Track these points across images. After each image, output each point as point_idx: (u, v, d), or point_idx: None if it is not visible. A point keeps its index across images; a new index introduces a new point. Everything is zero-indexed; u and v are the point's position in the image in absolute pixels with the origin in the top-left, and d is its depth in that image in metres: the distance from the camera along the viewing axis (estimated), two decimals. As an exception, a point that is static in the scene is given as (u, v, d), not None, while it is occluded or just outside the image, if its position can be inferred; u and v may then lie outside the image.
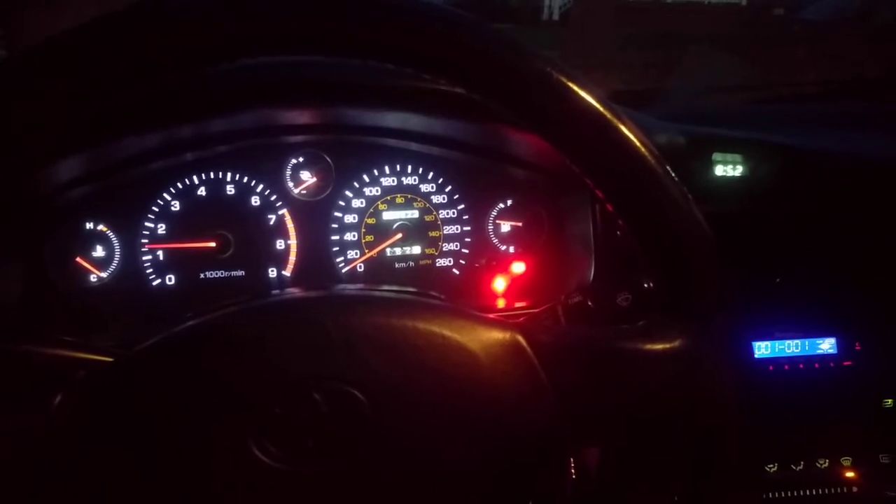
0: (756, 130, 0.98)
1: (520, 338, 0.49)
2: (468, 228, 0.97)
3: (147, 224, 0.88)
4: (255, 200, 0.91)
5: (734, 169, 0.91)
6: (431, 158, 0.95)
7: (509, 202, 0.97)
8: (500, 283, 0.96)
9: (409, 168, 0.95)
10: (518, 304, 0.96)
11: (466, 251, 0.97)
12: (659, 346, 0.49)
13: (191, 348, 0.47)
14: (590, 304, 0.70)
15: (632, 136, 0.48)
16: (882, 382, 0.90)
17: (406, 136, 0.94)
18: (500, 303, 0.97)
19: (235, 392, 0.45)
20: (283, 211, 0.92)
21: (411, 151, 0.94)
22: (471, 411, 0.48)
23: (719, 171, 0.90)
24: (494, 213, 0.97)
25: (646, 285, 0.70)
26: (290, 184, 0.92)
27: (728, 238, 0.90)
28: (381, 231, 0.94)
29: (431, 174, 0.95)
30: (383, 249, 0.94)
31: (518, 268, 0.97)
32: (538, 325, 0.52)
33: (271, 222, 0.92)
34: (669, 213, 0.50)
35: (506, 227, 0.97)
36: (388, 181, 0.94)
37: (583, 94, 0.47)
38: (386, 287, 0.92)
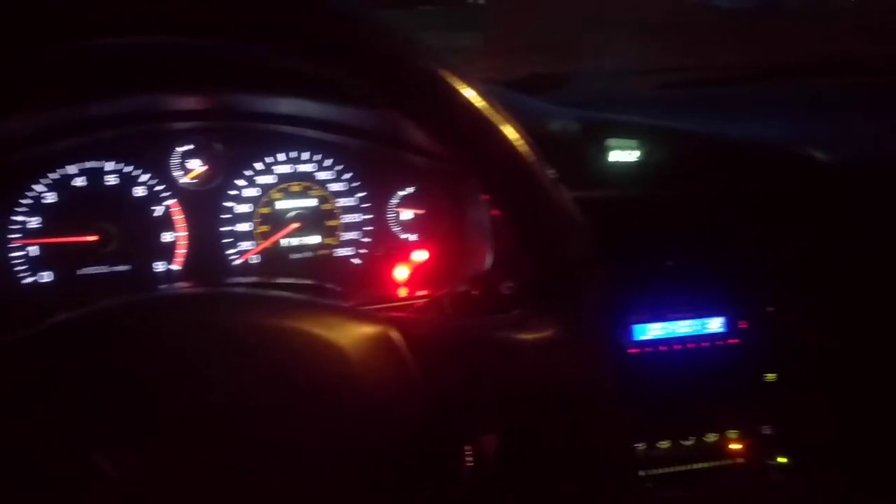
0: (667, 115, 1.00)
1: (391, 332, 0.48)
2: (368, 217, 0.95)
3: (16, 218, 0.82)
4: (140, 191, 0.86)
5: (630, 154, 0.92)
6: (328, 145, 0.93)
7: (410, 190, 0.96)
8: (401, 272, 0.96)
9: (305, 155, 0.92)
10: (420, 293, 0.96)
11: (367, 240, 0.95)
12: (530, 336, 0.50)
13: (39, 348, 0.44)
14: (475, 293, 0.70)
15: (503, 126, 0.49)
16: (764, 358, 0.94)
17: (301, 122, 0.91)
18: (402, 292, 0.96)
19: (83, 393, 0.43)
20: (170, 201, 0.87)
21: (307, 138, 0.92)
22: (341, 408, 0.47)
23: (615, 156, 0.92)
24: (395, 200, 0.96)
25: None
26: (178, 173, 0.88)
27: (622, 222, 0.93)
28: (276, 221, 0.91)
29: (328, 161, 0.93)
30: (278, 240, 0.91)
31: (420, 256, 0.96)
32: (411, 318, 0.51)
33: (157, 214, 0.87)
34: (539, 203, 0.51)
35: (407, 214, 0.96)
36: (282, 169, 0.91)
37: (457, 84, 0.47)
38: (281, 280, 0.90)
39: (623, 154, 0.91)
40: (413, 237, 0.96)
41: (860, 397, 0.95)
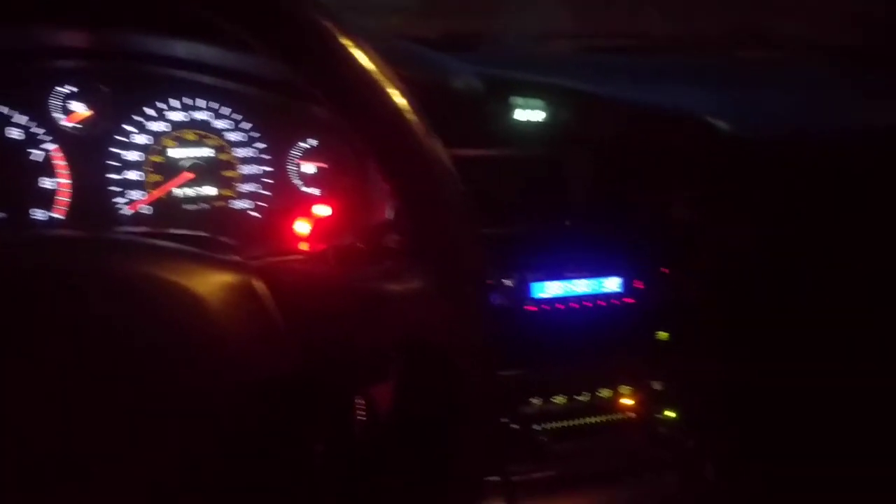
0: (585, 79, 1.00)
1: (255, 281, 0.47)
2: (268, 169, 0.92)
3: None
4: (15, 133, 0.81)
5: (535, 114, 0.93)
6: (226, 93, 0.89)
7: (313, 142, 0.93)
8: (302, 227, 0.94)
9: (201, 102, 0.88)
10: (323, 248, 0.94)
11: (266, 193, 0.92)
12: (397, 288, 0.49)
13: None
14: (361, 246, 0.69)
15: (388, 88, 0.48)
16: (657, 317, 0.98)
17: (197, 67, 0.87)
18: (304, 246, 0.94)
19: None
20: (51, 146, 0.82)
21: (203, 84, 0.88)
22: (198, 360, 0.46)
23: (520, 115, 0.92)
24: (297, 153, 0.93)
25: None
26: (59, 116, 0.83)
27: (524, 180, 0.94)
28: (169, 170, 0.87)
29: (226, 110, 0.89)
30: (170, 190, 0.87)
31: (322, 210, 0.94)
32: (278, 267, 0.50)
33: (36, 158, 0.82)
34: (417, 165, 0.51)
35: (309, 168, 0.94)
36: (175, 116, 0.87)
37: (344, 41, 0.46)
38: (173, 231, 0.87)
39: (528, 113, 0.91)
40: (315, 191, 0.94)
41: (746, 355, 0.99)
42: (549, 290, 0.93)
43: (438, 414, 0.78)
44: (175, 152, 0.87)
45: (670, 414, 1.00)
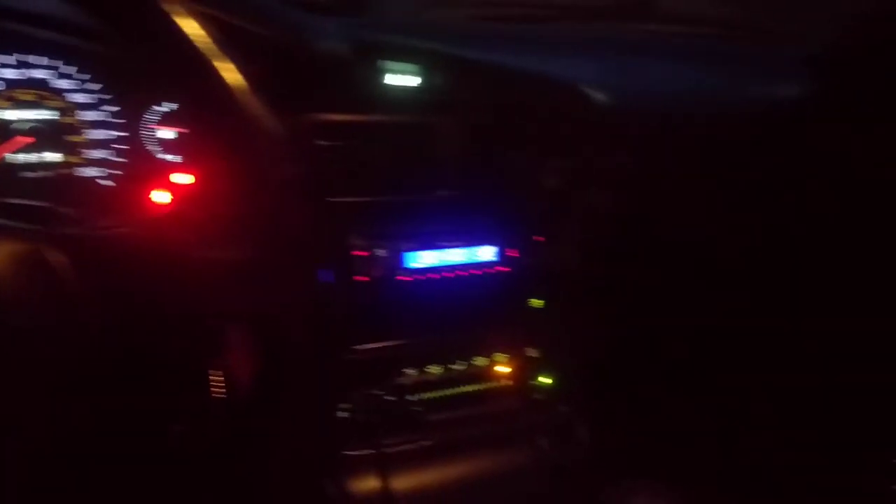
0: (474, 47, 0.98)
1: (48, 252, 0.43)
2: (121, 134, 0.86)
3: None
4: None
5: (407, 79, 0.90)
6: (70, 49, 0.82)
7: (172, 106, 0.88)
8: (161, 196, 0.88)
9: (40, 59, 0.81)
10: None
11: (120, 160, 0.86)
12: (224, 257, 0.47)
13: None
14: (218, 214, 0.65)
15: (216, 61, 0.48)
16: (532, 285, 0.99)
17: (32, 20, 0.80)
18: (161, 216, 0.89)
19: None
20: None
21: (40, 39, 0.80)
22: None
23: (391, 80, 0.89)
24: (154, 117, 0.87)
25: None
26: None
27: (396, 148, 0.91)
28: (3, 133, 0.80)
29: (70, 69, 0.82)
30: (3, 155, 0.80)
31: (183, 179, 0.89)
32: (89, 237, 0.46)
33: None
34: (244, 135, 0.48)
35: (168, 133, 0.88)
36: (7, 73, 0.80)
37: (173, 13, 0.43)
38: (6, 200, 0.80)
39: (400, 79, 0.89)
40: (176, 158, 0.89)
41: (619, 322, 1.02)
42: (423, 259, 0.92)
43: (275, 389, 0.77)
44: (9, 114, 0.80)
45: (545, 380, 1.01)
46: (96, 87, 0.83)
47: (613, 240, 0.97)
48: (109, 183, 0.86)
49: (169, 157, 0.88)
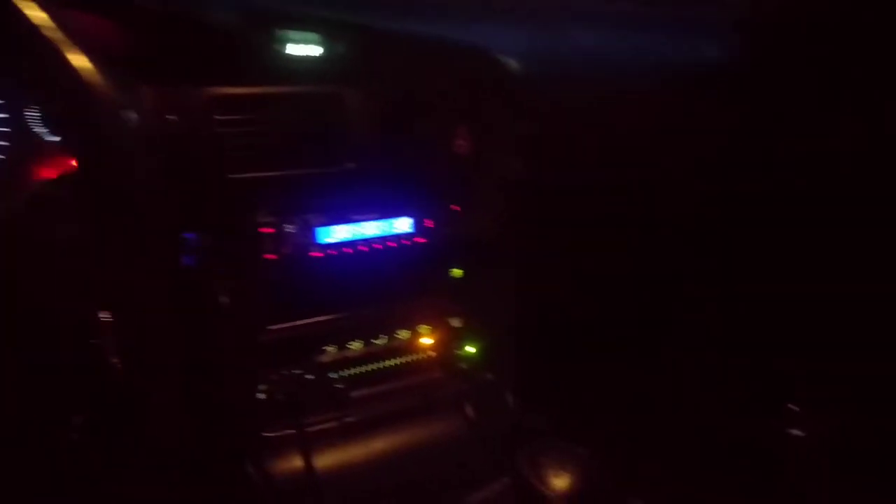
0: (382, 16, 0.94)
1: None
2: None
3: None
4: None
5: (311, 49, 0.86)
6: None
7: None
8: (42, 181, 0.83)
9: None
10: None
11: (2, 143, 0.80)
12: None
13: None
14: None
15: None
16: (451, 255, 0.98)
17: None
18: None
19: None
20: None
21: None
22: None
23: (294, 50, 0.85)
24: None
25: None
26: None
27: (302, 120, 0.88)
28: None
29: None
30: None
31: (60, 163, 0.84)
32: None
33: None
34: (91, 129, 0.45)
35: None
36: None
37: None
38: None
39: (303, 48, 0.85)
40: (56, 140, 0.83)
41: (537, 287, 1.02)
42: (337, 234, 0.89)
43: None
44: None
45: (470, 349, 1.01)
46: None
47: (526, 206, 0.96)
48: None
49: (52, 139, 0.82)
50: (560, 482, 0.65)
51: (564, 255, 0.99)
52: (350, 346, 0.95)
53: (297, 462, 0.90)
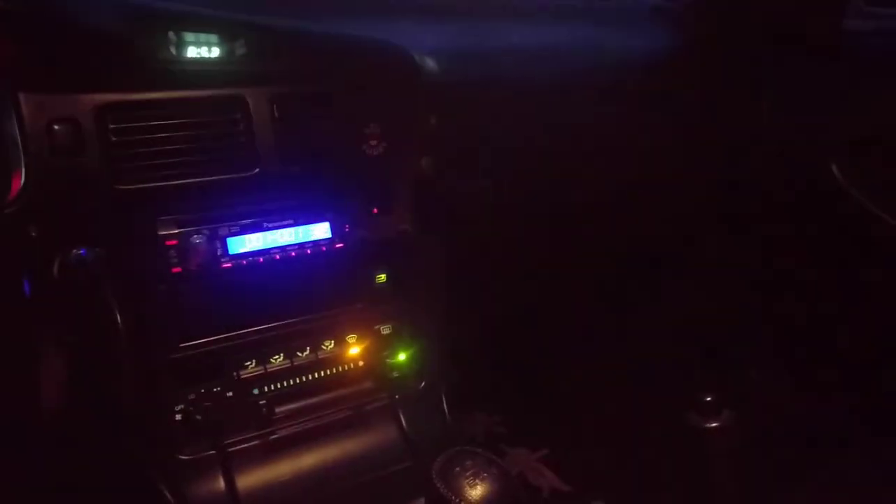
0: (281, 14, 0.91)
1: None
2: None
3: None
4: None
5: (209, 51, 0.82)
6: None
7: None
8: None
9: None
10: None
11: None
12: None
13: None
14: None
15: None
16: (373, 260, 0.94)
17: None
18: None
19: None
20: None
21: None
22: None
23: (192, 53, 0.81)
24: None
25: None
26: None
27: (203, 125, 0.83)
28: None
29: None
30: None
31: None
32: None
33: None
34: None
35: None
36: None
37: None
38: None
39: (200, 51, 0.81)
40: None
41: (467, 288, 0.99)
42: (249, 243, 0.85)
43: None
44: None
45: (400, 357, 0.97)
46: None
47: (443, 205, 0.93)
48: None
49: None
50: (474, 493, 0.62)
51: (489, 255, 0.96)
52: (272, 361, 0.90)
53: (218, 485, 0.86)
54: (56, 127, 0.72)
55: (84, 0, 0.72)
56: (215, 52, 0.82)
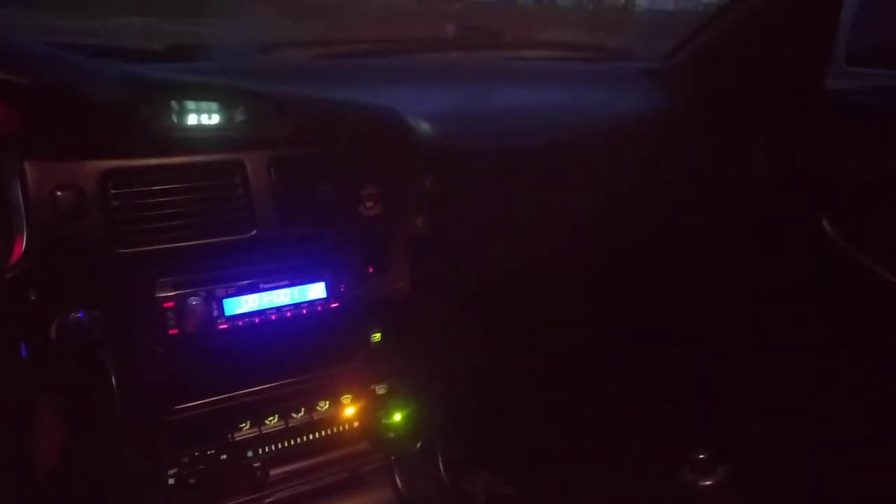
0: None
1: None
2: None
3: None
4: None
5: (208, 118, 0.85)
6: None
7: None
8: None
9: None
10: None
11: None
12: None
13: None
14: None
15: None
16: (368, 319, 0.94)
17: None
18: None
19: None
20: None
21: None
22: None
23: (192, 120, 0.84)
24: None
25: None
26: None
27: (202, 189, 0.86)
28: None
29: None
30: None
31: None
32: None
33: None
34: None
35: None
36: None
37: None
38: None
39: (200, 118, 0.84)
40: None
41: (465, 343, 0.99)
42: (245, 304, 0.86)
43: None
44: None
45: (396, 417, 0.97)
46: None
47: (438, 263, 0.94)
48: None
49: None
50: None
51: (481, 315, 0.97)
52: (267, 422, 0.90)
53: (211, 551, 0.85)
54: (59, 193, 0.75)
55: (90, 72, 0.76)
56: (215, 118, 0.85)
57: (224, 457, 0.87)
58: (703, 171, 1.19)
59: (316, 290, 0.90)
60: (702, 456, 0.77)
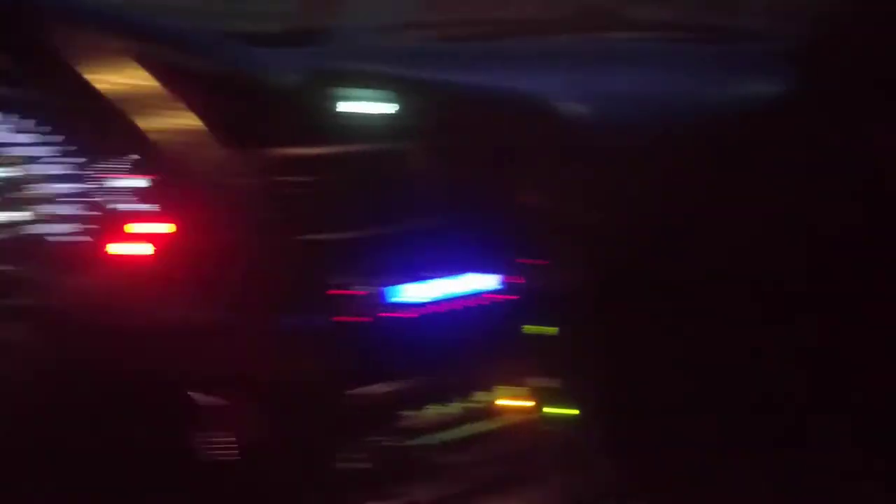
0: (438, 68, 0.92)
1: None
2: (84, 186, 0.81)
3: None
4: None
5: (374, 106, 0.84)
6: (27, 103, 0.78)
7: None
8: (134, 250, 0.84)
9: None
10: None
11: (86, 213, 0.81)
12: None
13: None
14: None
15: None
16: (537, 312, 0.91)
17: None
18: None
19: None
20: None
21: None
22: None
23: (356, 108, 0.83)
24: (122, 165, 0.83)
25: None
26: None
27: (369, 179, 0.85)
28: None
29: (28, 122, 0.78)
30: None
31: (157, 229, 0.84)
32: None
33: None
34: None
35: (137, 181, 0.84)
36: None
37: None
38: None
39: (366, 106, 0.83)
40: (150, 207, 0.84)
41: (635, 344, 0.93)
42: (415, 293, 0.85)
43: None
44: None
45: (569, 411, 0.94)
46: (57, 139, 0.79)
47: (610, 255, 0.89)
48: (76, 239, 0.82)
49: (142, 206, 0.84)
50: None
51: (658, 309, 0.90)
52: (436, 411, 0.89)
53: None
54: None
55: (268, 63, 0.77)
56: (380, 107, 0.84)
57: (388, 443, 0.88)
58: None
59: (484, 282, 0.89)
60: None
